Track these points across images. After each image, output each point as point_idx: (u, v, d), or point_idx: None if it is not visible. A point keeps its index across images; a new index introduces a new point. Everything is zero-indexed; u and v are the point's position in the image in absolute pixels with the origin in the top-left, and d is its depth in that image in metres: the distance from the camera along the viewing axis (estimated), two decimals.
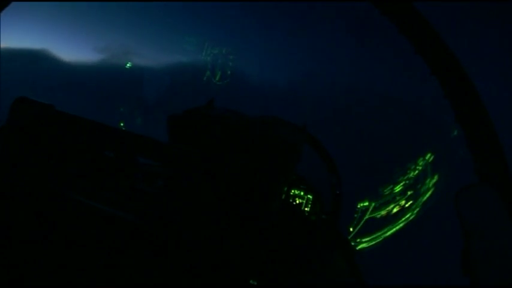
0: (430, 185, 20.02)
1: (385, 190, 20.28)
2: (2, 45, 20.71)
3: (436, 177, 19.96)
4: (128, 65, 25.42)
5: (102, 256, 1.46)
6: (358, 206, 18.99)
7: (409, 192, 20.10)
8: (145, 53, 25.88)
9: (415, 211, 19.66)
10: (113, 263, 1.45)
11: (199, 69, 25.65)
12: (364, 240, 18.61)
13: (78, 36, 25.02)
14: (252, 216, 1.55)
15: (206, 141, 2.06)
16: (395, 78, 21.09)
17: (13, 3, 2.22)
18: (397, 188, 20.30)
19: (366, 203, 19.16)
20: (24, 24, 22.12)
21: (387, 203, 19.84)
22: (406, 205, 19.81)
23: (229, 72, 25.72)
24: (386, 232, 19.11)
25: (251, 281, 1.45)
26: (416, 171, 20.33)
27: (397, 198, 20.05)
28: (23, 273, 1.46)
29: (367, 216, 18.65)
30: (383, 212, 19.56)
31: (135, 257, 1.44)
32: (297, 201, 4.03)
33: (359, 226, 18.32)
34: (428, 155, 20.25)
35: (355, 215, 18.71)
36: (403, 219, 19.48)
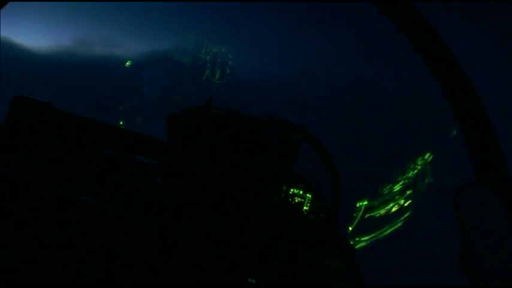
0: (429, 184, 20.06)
1: (384, 189, 20.31)
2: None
3: (434, 177, 20.00)
4: (127, 63, 25.40)
5: (101, 255, 1.46)
6: (357, 205, 19.02)
7: (408, 192, 20.12)
8: (145, 52, 25.88)
9: (414, 210, 19.69)
10: (112, 263, 1.45)
11: (199, 68, 25.65)
12: (363, 239, 18.65)
13: (78, 33, 25.01)
14: (250, 215, 1.55)
15: (205, 140, 2.06)
16: (394, 77, 21.11)
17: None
18: (396, 187, 20.33)
19: (365, 202, 19.19)
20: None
21: (386, 202, 19.87)
22: (405, 204, 19.84)
23: (228, 71, 25.71)
24: (385, 231, 19.15)
25: (250, 280, 1.45)
26: (416, 171, 20.36)
27: (396, 197, 20.08)
28: (23, 273, 1.46)
29: (361, 213, 18.67)
30: (382, 211, 19.59)
31: (134, 256, 1.45)
32: (296, 200, 4.03)
33: (354, 224, 18.35)
34: (428, 155, 20.28)
35: (354, 214, 18.74)
36: (402, 218, 19.52)
